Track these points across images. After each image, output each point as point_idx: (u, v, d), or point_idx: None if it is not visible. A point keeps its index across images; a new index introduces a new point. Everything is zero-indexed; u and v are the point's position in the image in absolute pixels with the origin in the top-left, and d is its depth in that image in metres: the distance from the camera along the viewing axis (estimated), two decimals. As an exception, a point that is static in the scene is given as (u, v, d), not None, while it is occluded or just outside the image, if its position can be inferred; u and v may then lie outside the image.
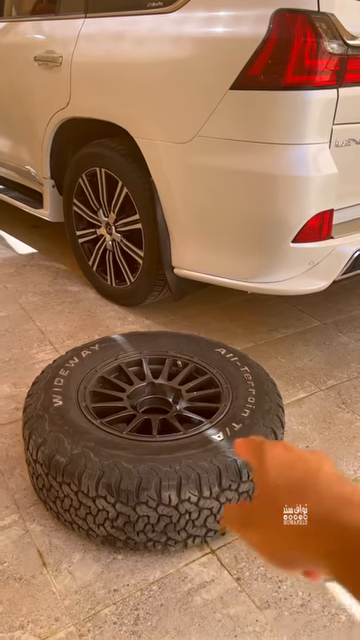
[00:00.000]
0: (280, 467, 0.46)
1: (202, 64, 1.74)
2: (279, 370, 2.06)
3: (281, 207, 1.72)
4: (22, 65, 2.53)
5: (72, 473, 1.25)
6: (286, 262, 1.81)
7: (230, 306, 2.52)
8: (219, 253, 1.95)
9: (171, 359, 1.69)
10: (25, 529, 1.40)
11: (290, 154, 1.67)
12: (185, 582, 1.28)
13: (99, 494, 1.23)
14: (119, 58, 2.02)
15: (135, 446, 1.31)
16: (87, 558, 1.33)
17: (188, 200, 1.94)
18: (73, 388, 1.50)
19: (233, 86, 1.67)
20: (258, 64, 1.61)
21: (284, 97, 1.62)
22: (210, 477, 1.24)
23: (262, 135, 1.68)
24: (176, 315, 2.46)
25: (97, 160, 2.31)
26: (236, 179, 1.78)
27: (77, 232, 2.60)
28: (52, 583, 1.27)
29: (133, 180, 2.16)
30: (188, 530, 1.28)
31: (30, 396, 1.49)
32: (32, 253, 3.14)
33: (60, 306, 2.52)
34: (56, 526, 1.40)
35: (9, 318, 2.40)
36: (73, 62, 2.21)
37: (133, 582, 1.28)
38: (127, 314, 2.46)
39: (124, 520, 1.25)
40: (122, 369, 1.64)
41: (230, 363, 1.63)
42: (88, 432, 1.34)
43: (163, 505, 1.22)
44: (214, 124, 1.74)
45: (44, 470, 1.31)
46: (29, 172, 2.83)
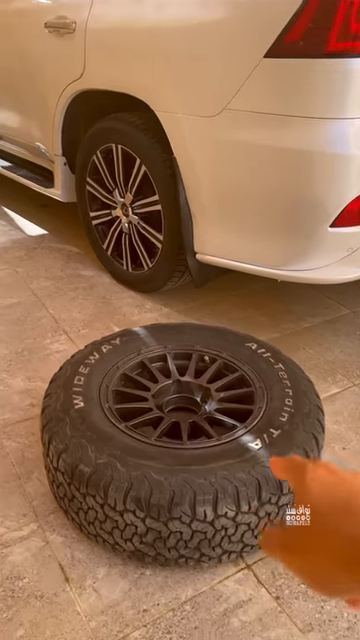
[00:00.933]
0: (322, 489, 0.43)
1: (233, 29, 1.58)
2: (308, 363, 1.93)
3: (318, 188, 1.57)
4: (31, 33, 2.36)
5: (97, 484, 1.14)
6: (322, 248, 1.67)
7: (252, 293, 2.39)
8: (247, 238, 1.81)
9: (197, 354, 1.56)
10: (45, 540, 1.30)
11: (330, 129, 1.52)
12: (220, 601, 1.18)
13: (127, 508, 1.12)
14: (139, 23, 1.85)
15: (165, 454, 1.19)
16: (113, 573, 1.23)
17: (214, 179, 1.79)
18: (94, 387, 1.39)
19: (268, 54, 1.50)
20: (297, 29, 1.45)
21: (325, 66, 1.46)
22: (249, 490, 1.13)
23: (299, 108, 1.52)
24: (195, 302, 2.33)
25: (113, 136, 2.15)
26: (268, 156, 1.62)
27: (91, 213, 2.45)
28: (76, 602, 1.17)
29: (153, 157, 2.01)
30: (223, 546, 1.17)
31: (48, 396, 1.38)
32: (42, 234, 3.00)
33: (73, 292, 2.39)
34: (78, 537, 1.30)
35: (21, 305, 2.28)
36: (88, 28, 2.04)
37: (164, 601, 1.17)
38: (144, 301, 2.33)
39: (154, 536, 1.14)
40: (145, 365, 1.52)
41: (262, 359, 1.51)
42: (113, 438, 1.23)
43: (198, 521, 1.12)
44: (245, 96, 1.59)
45: (66, 479, 1.20)
46: (39, 149, 2.67)
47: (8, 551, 1.26)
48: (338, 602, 1.18)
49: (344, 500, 0.42)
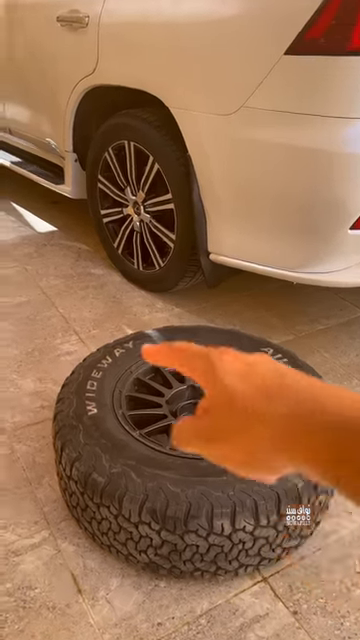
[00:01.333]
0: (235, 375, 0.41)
1: (252, 25, 1.53)
2: (324, 367, 1.89)
3: (340, 189, 1.53)
4: (43, 27, 2.32)
5: (112, 495, 1.11)
6: (341, 250, 1.62)
7: (264, 293, 2.35)
8: (263, 239, 1.77)
9: (212, 358, 1.52)
10: (57, 548, 1.27)
11: (352, 129, 1.47)
12: (237, 615, 1.15)
13: (142, 520, 1.09)
14: (154, 18, 1.80)
15: (181, 465, 1.16)
16: (126, 584, 1.20)
17: (230, 178, 1.75)
18: (108, 393, 1.35)
19: (288, 51, 1.46)
20: (319, 25, 1.40)
21: (348, 64, 1.41)
22: (268, 504, 1.09)
23: (320, 107, 1.48)
24: (207, 302, 2.29)
25: (126, 132, 2.11)
26: (287, 156, 1.58)
27: (101, 211, 2.42)
28: (89, 613, 1.14)
29: (166, 155, 1.97)
30: (240, 560, 1.14)
31: (61, 401, 1.35)
32: (52, 231, 2.97)
33: (84, 291, 2.36)
34: (90, 546, 1.27)
35: (30, 304, 2.25)
36: (101, 23, 2.00)
37: (179, 614, 1.15)
38: (155, 300, 2.29)
39: (170, 549, 1.11)
40: (159, 370, 1.49)
41: (279, 365, 1.47)
42: (127, 446, 1.20)
43: (215, 534, 1.09)
44: (264, 94, 1.54)
45: (79, 489, 1.17)
46: (49, 145, 2.63)
47: (19, 559, 1.24)
48: (358, 618, 1.15)
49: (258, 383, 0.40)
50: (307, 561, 1.25)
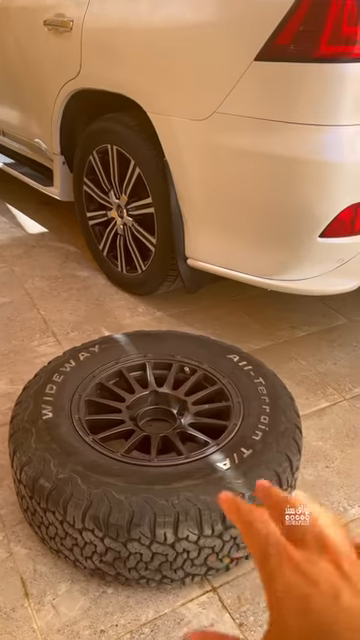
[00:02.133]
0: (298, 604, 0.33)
1: (223, 31, 1.53)
2: (299, 374, 1.88)
3: (309, 196, 1.52)
4: (31, 30, 2.33)
5: (57, 501, 1.11)
6: (312, 258, 1.61)
7: (248, 299, 2.33)
8: (237, 245, 1.76)
9: (178, 364, 1.52)
10: (9, 551, 1.27)
11: (321, 136, 1.46)
12: (181, 625, 1.14)
13: (86, 526, 1.09)
14: (132, 23, 1.81)
15: (129, 472, 1.16)
16: (74, 590, 1.20)
17: (204, 184, 1.75)
18: (67, 397, 1.35)
19: (258, 57, 1.45)
20: (288, 32, 1.39)
21: (317, 70, 1.40)
22: (212, 514, 1.09)
23: (290, 114, 1.46)
24: (190, 307, 2.28)
25: (108, 136, 2.12)
26: (258, 162, 1.57)
27: (87, 214, 2.42)
28: (34, 618, 1.14)
29: (146, 159, 1.97)
30: (186, 569, 1.13)
31: (19, 404, 1.35)
32: (42, 233, 2.98)
33: (67, 293, 2.37)
34: (42, 550, 1.27)
35: (12, 305, 2.26)
36: (84, 27, 2.00)
37: (123, 622, 1.14)
38: (137, 304, 2.29)
39: (114, 556, 1.11)
40: (123, 374, 1.49)
41: (243, 372, 1.46)
42: (78, 452, 1.19)
43: (157, 543, 1.08)
44: (235, 100, 1.54)
45: (28, 493, 1.18)
46: (39, 146, 2.65)
47: (-30, 562, 1.24)
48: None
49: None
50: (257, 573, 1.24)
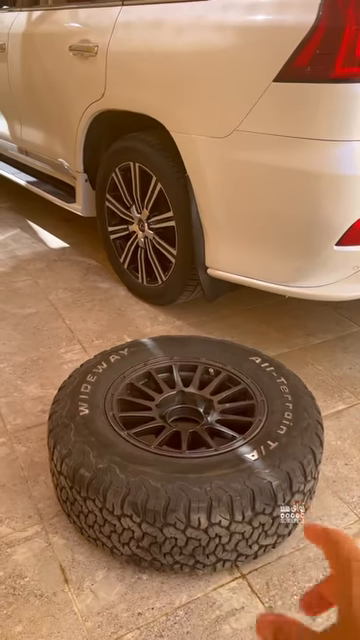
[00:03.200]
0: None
1: (244, 54, 1.64)
2: (316, 379, 1.95)
3: (326, 207, 1.61)
4: (57, 55, 2.47)
5: (97, 489, 1.19)
6: (329, 266, 1.70)
7: (265, 308, 2.42)
8: (256, 254, 1.85)
9: (203, 366, 1.61)
10: (48, 542, 1.34)
11: (337, 151, 1.56)
12: (213, 608, 1.20)
13: (124, 513, 1.17)
14: (156, 48, 1.93)
15: (163, 462, 1.23)
16: (111, 576, 1.27)
17: (225, 198, 1.85)
18: (100, 395, 1.44)
19: (277, 78, 1.56)
20: (305, 54, 1.50)
21: (332, 90, 1.50)
22: (243, 500, 1.16)
23: (307, 130, 1.57)
24: (208, 316, 2.37)
25: (131, 154, 2.23)
26: (277, 176, 1.67)
27: (109, 228, 2.53)
28: (74, 602, 1.21)
29: (168, 176, 2.08)
30: (218, 554, 1.20)
31: (56, 402, 1.44)
32: (64, 247, 3.10)
33: (90, 304, 2.46)
34: (79, 540, 1.35)
35: (38, 315, 2.36)
36: (109, 52, 2.13)
37: (158, 605, 1.21)
38: (158, 314, 2.38)
39: (150, 541, 1.18)
40: (151, 375, 1.57)
41: (265, 373, 1.54)
42: (115, 445, 1.27)
43: (192, 528, 1.15)
44: (255, 118, 1.64)
45: (68, 483, 1.25)
46: (62, 165, 2.77)
47: (12, 550, 1.32)
48: (330, 616, 1.19)
49: None
50: (284, 560, 1.31)
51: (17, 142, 3.28)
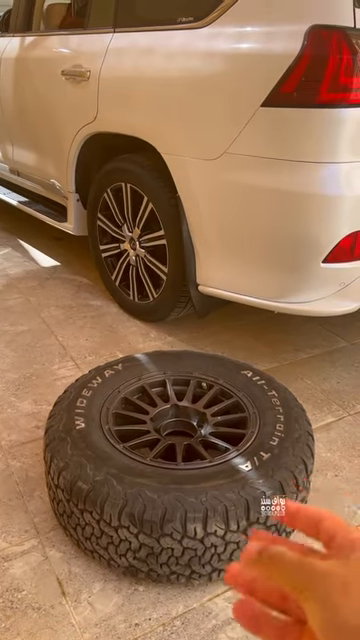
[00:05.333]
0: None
1: (233, 81, 1.71)
2: (305, 393, 2.00)
3: (312, 226, 1.67)
4: (49, 79, 2.54)
5: (94, 501, 1.21)
6: (316, 282, 1.76)
7: (254, 323, 2.47)
8: (245, 271, 1.91)
9: (195, 380, 1.64)
10: (44, 555, 1.36)
11: (323, 173, 1.63)
12: (209, 618, 1.22)
13: (122, 524, 1.19)
14: (147, 73, 2.00)
15: (159, 474, 1.26)
16: (108, 588, 1.28)
17: (215, 217, 1.91)
18: (96, 410, 1.47)
19: (265, 103, 1.63)
20: (291, 81, 1.57)
21: (318, 115, 1.58)
22: (238, 510, 1.19)
23: (294, 153, 1.63)
24: (199, 332, 2.41)
25: (123, 175, 2.29)
26: (266, 197, 1.73)
27: (101, 246, 2.58)
28: (72, 614, 1.22)
29: (159, 196, 2.13)
30: (213, 564, 1.22)
31: (52, 417, 1.46)
32: (55, 266, 3.13)
33: (82, 321, 2.50)
34: (76, 553, 1.36)
35: (31, 332, 2.39)
36: (101, 77, 2.20)
37: (155, 616, 1.23)
38: (149, 330, 2.42)
39: (147, 552, 1.20)
40: (145, 390, 1.60)
41: (257, 386, 1.58)
42: (111, 457, 1.30)
43: (188, 538, 1.18)
44: (244, 141, 1.71)
45: (65, 496, 1.27)
46: (54, 185, 2.82)
47: (9, 565, 1.33)
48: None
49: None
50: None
51: (9, 163, 3.33)
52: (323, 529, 0.36)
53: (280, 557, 0.34)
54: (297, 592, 0.32)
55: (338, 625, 0.30)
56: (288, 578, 0.33)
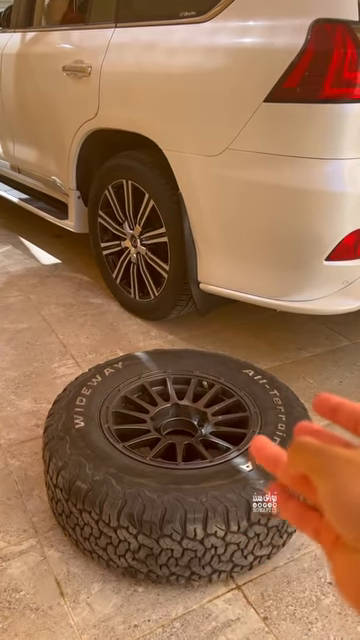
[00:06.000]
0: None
1: (235, 76, 1.69)
2: (308, 392, 1.98)
3: (315, 224, 1.65)
4: (50, 75, 2.52)
5: (93, 501, 1.20)
6: (318, 280, 1.74)
7: (256, 322, 2.45)
8: (247, 269, 1.89)
9: (196, 379, 1.62)
10: (43, 555, 1.34)
11: (326, 169, 1.60)
12: (209, 620, 1.21)
13: (121, 524, 1.17)
14: (149, 69, 1.98)
15: (159, 474, 1.24)
16: (106, 589, 1.27)
17: (217, 214, 1.89)
18: (95, 408, 1.45)
19: (267, 98, 1.61)
20: (294, 76, 1.55)
21: (321, 110, 1.56)
22: (238, 511, 1.17)
23: (297, 149, 1.61)
24: (200, 330, 2.40)
25: (124, 172, 2.27)
26: (268, 194, 1.71)
27: (101, 244, 2.56)
28: (70, 615, 1.21)
29: (160, 193, 2.11)
30: (213, 565, 1.21)
31: (51, 416, 1.44)
32: (55, 263, 3.12)
33: (82, 319, 2.48)
34: (75, 553, 1.34)
35: (31, 330, 2.37)
36: (102, 72, 2.18)
37: (154, 617, 1.21)
38: (150, 328, 2.40)
39: (146, 552, 1.18)
40: (145, 389, 1.58)
41: (258, 385, 1.56)
42: (110, 457, 1.28)
43: (188, 539, 1.16)
44: (246, 137, 1.69)
45: (64, 496, 1.26)
46: (55, 182, 2.81)
47: (7, 564, 1.31)
48: (325, 625, 1.20)
49: None
50: (279, 571, 1.31)
51: (9, 160, 3.32)
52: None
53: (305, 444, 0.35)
54: (313, 473, 0.33)
55: (346, 503, 0.31)
56: (308, 461, 0.34)
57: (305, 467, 0.34)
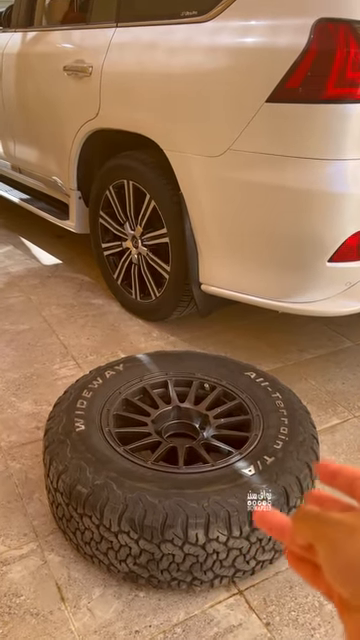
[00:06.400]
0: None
1: (237, 76, 1.68)
2: (310, 394, 1.96)
3: (318, 225, 1.64)
4: (51, 75, 2.50)
5: (94, 505, 1.19)
6: (321, 282, 1.72)
7: (257, 323, 2.44)
8: (249, 270, 1.88)
9: (198, 382, 1.61)
10: (43, 559, 1.33)
11: (328, 170, 1.59)
12: (211, 625, 1.20)
13: (122, 529, 1.16)
14: (150, 68, 1.97)
15: (160, 478, 1.23)
16: (107, 594, 1.26)
17: (218, 215, 1.87)
18: (96, 411, 1.44)
19: (270, 99, 1.59)
20: (297, 76, 1.54)
21: (324, 110, 1.54)
22: (240, 516, 1.16)
23: (299, 150, 1.60)
24: (201, 332, 2.38)
25: (125, 172, 2.26)
26: (270, 194, 1.70)
27: (102, 244, 2.55)
28: (70, 620, 1.20)
29: (161, 193, 2.10)
30: (215, 570, 1.20)
31: (52, 419, 1.43)
32: (56, 264, 3.11)
33: (83, 319, 2.47)
34: (75, 557, 1.33)
35: (32, 331, 2.36)
36: (103, 72, 2.17)
37: (156, 623, 1.20)
38: (151, 329, 2.39)
39: (147, 557, 1.17)
40: (147, 391, 1.57)
41: (260, 388, 1.55)
42: (111, 460, 1.27)
43: (189, 544, 1.15)
44: (248, 138, 1.67)
45: (64, 500, 1.25)
46: (56, 183, 2.79)
47: (7, 569, 1.30)
48: (328, 631, 1.19)
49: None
50: (281, 576, 1.30)
51: (10, 160, 3.31)
52: (357, 487, 0.39)
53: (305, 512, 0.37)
54: (313, 539, 0.35)
55: (339, 562, 0.33)
56: (309, 529, 0.36)
57: (307, 534, 0.36)
